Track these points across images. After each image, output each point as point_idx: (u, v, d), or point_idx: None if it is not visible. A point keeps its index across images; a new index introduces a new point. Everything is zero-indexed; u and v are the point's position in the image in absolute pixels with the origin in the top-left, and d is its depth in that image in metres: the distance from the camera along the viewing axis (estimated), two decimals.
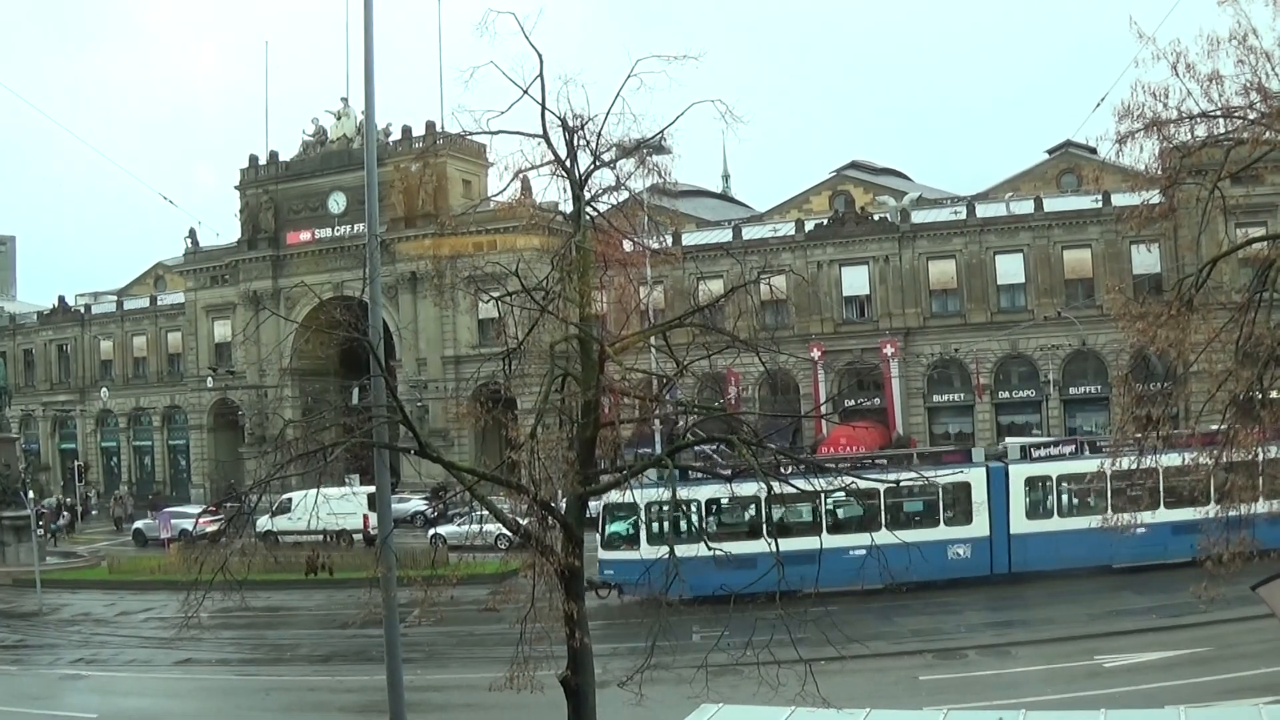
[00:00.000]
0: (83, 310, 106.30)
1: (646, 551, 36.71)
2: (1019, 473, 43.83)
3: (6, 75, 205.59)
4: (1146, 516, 42.91)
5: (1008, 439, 57.82)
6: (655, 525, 41.91)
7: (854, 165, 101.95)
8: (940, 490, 40.11)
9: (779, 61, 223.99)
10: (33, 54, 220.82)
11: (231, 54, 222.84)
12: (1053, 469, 43.99)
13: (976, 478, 42.11)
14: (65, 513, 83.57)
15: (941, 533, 40.41)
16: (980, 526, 42.04)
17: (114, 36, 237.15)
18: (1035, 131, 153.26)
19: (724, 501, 40.78)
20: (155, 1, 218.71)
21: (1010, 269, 74.94)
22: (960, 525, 41.40)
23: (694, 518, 42.47)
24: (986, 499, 41.90)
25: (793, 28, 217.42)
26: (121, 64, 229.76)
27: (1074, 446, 47.36)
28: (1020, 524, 43.51)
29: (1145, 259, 66.73)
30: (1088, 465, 45.07)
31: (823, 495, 38.13)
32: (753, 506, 40.49)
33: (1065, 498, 44.61)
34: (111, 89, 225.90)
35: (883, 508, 41.18)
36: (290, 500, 56.07)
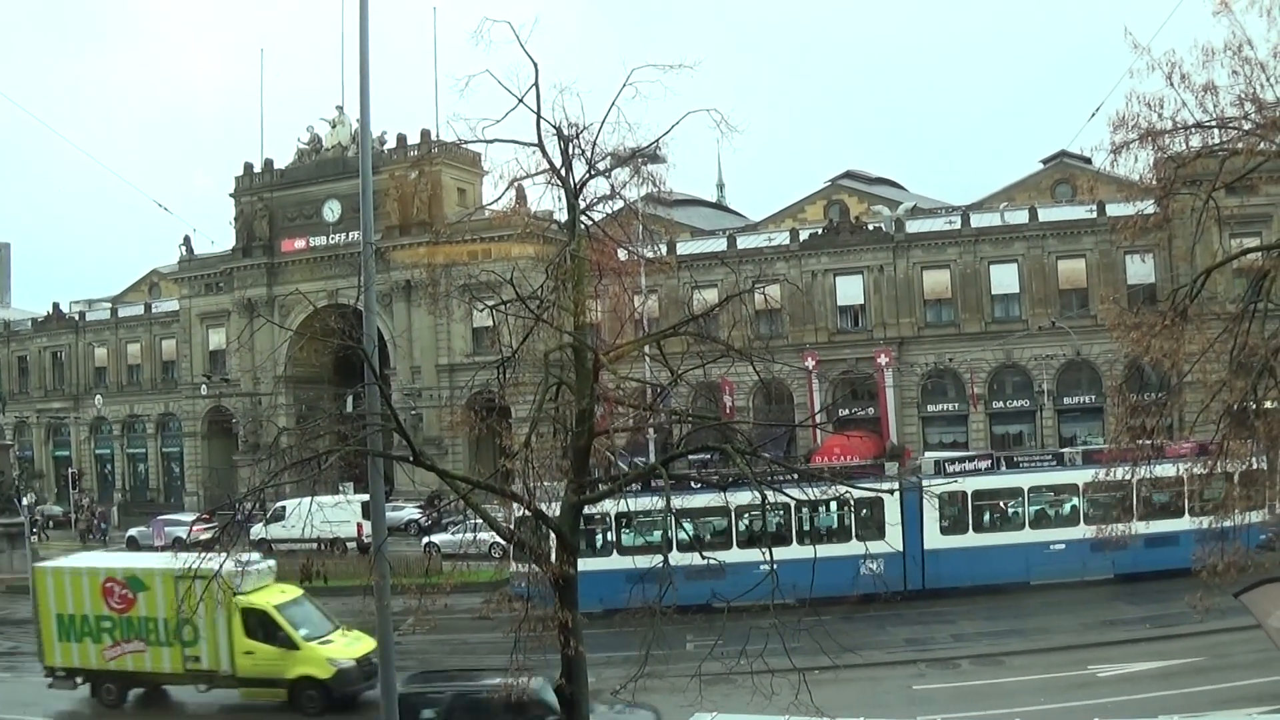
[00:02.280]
0: (77, 317, 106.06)
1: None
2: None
3: (5, 77, 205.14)
4: (1065, 533, 43.55)
5: (925, 454, 57.87)
6: None
7: (848, 175, 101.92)
8: (854, 505, 39.64)
9: (773, 72, 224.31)
10: (32, 56, 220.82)
11: (229, 57, 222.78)
12: (967, 485, 43.58)
13: (889, 493, 41.30)
14: (99, 510, 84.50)
15: (854, 548, 39.40)
16: (893, 542, 41.45)
17: (114, 39, 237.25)
18: (1030, 141, 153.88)
19: (635, 515, 39.92)
20: (155, 4, 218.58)
21: (1005, 279, 74.88)
22: (873, 540, 40.18)
23: (607, 531, 42.38)
24: (900, 514, 41.44)
25: (787, 39, 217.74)
26: (121, 66, 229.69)
27: (990, 462, 47.39)
28: (934, 539, 43.40)
29: (1140, 269, 66.79)
30: (1003, 481, 45.14)
31: (732, 510, 38.10)
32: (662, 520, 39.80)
33: (980, 514, 44.56)
34: (110, 91, 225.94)
35: (794, 522, 40.88)
36: (284, 508, 56.01)
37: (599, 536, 42.47)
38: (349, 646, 33.46)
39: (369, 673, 31.19)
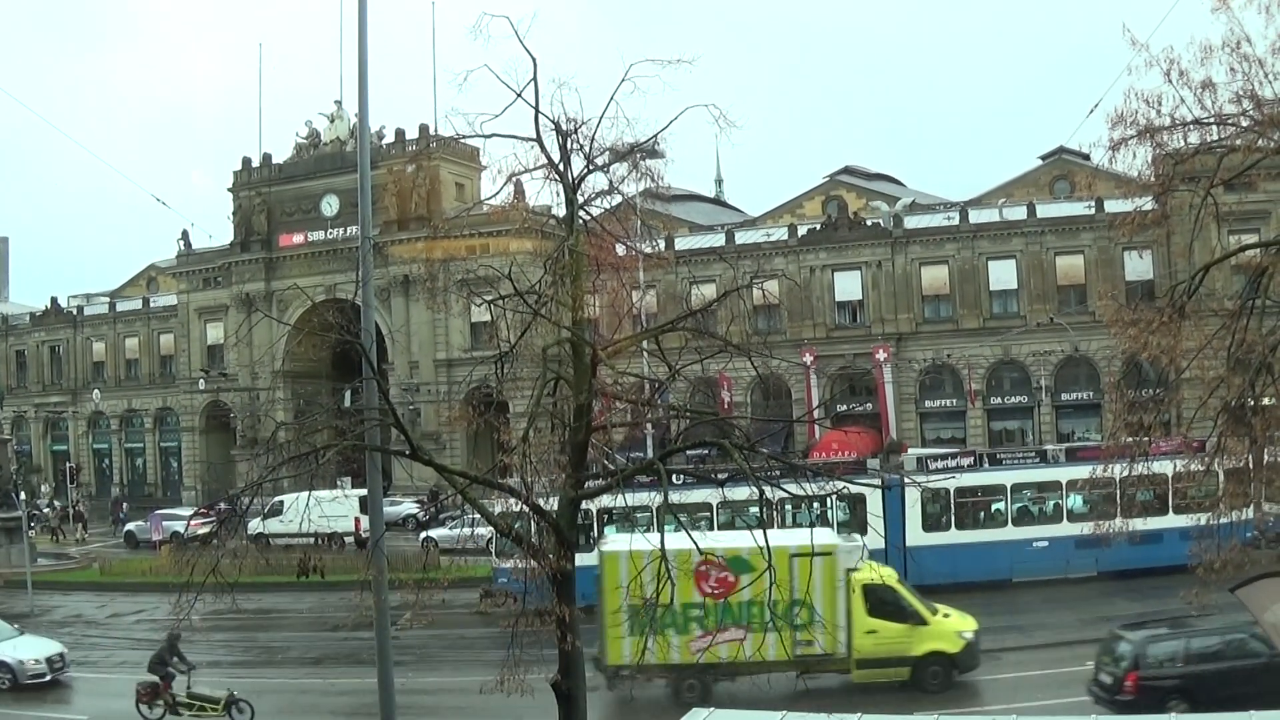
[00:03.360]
0: (75, 312, 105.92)
1: None
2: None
3: (6, 76, 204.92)
4: (1048, 531, 43.58)
5: (908, 451, 57.85)
6: None
7: (847, 170, 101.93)
8: (835, 502, 39.20)
9: (772, 66, 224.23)
10: (34, 55, 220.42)
11: (227, 56, 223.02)
12: (950, 482, 43.12)
13: (872, 490, 41.03)
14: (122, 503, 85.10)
15: None
16: (875, 538, 41.03)
17: (114, 39, 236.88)
18: (1028, 137, 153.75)
19: (616, 511, 38.92)
20: (154, 4, 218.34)
21: (1003, 275, 74.81)
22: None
23: (589, 527, 42.04)
24: (882, 511, 41.08)
25: (785, 33, 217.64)
26: (120, 67, 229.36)
27: (972, 459, 47.52)
28: (917, 536, 43.46)
29: (1138, 265, 66.72)
30: (986, 478, 45.16)
31: (716, 507, 37.99)
32: (645, 516, 39.16)
33: (963, 511, 44.52)
34: (110, 90, 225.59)
35: (776, 519, 40.60)
36: (282, 503, 56.07)
37: (580, 533, 42.34)
38: (963, 620, 32.37)
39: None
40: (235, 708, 31.44)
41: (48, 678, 36.37)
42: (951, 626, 31.95)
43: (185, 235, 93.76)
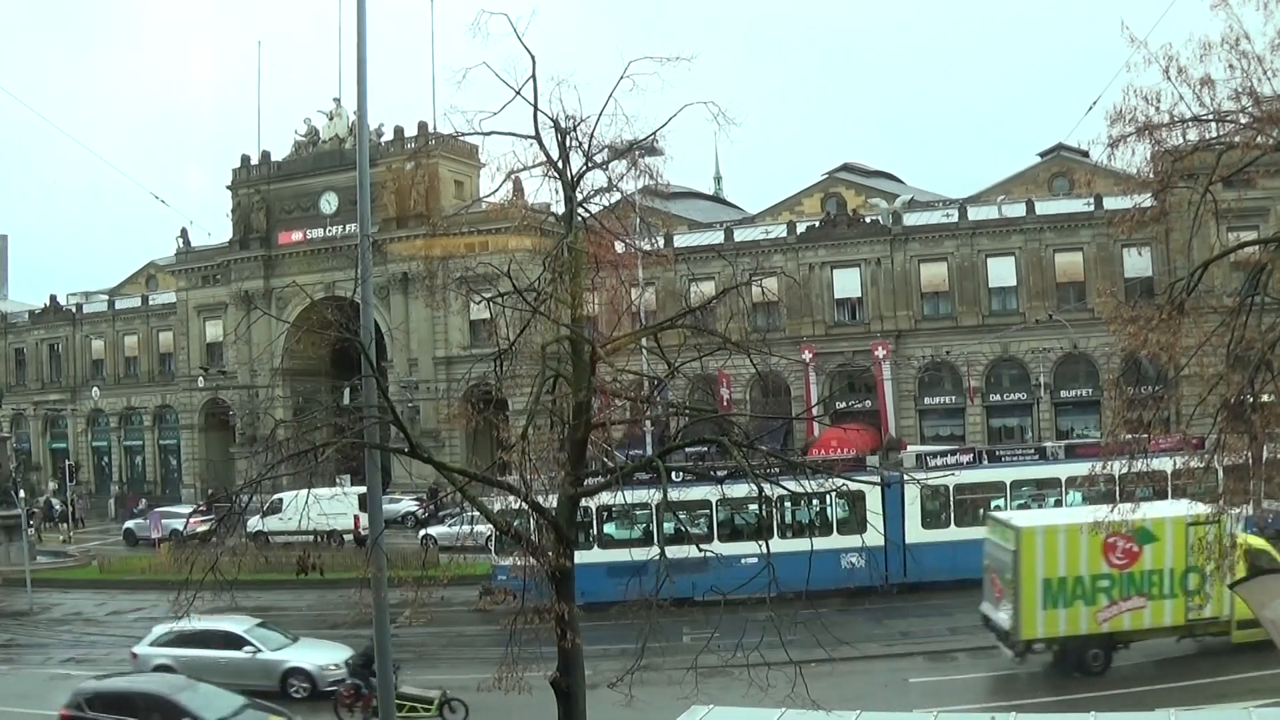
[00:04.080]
0: (74, 310, 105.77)
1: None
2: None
3: (6, 75, 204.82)
4: None
5: (908, 448, 57.82)
6: None
7: (845, 168, 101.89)
8: (835, 499, 39.25)
9: (771, 64, 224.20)
10: (32, 54, 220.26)
11: (226, 54, 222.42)
12: (949, 479, 43.25)
13: (871, 487, 41.02)
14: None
15: (835, 542, 39.42)
16: (875, 535, 41.11)
17: (114, 37, 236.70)
18: (1027, 135, 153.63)
19: (615, 508, 39.26)
20: (153, 3, 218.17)
21: (1002, 272, 74.79)
22: (855, 534, 38.68)
23: (588, 525, 41.88)
24: (881, 508, 40.95)
25: (785, 31, 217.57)
26: (119, 64, 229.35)
27: (972, 456, 47.52)
28: (916, 533, 43.31)
29: (1137, 262, 66.73)
30: (985, 475, 45.12)
31: (714, 504, 38.11)
32: (645, 514, 38.48)
33: (963, 508, 44.35)
34: (109, 89, 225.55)
35: (775, 516, 40.60)
36: (281, 500, 55.99)
37: (579, 530, 42.35)
38: None
39: None
40: (448, 707, 30.38)
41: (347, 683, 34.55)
42: None
43: (184, 233, 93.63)
